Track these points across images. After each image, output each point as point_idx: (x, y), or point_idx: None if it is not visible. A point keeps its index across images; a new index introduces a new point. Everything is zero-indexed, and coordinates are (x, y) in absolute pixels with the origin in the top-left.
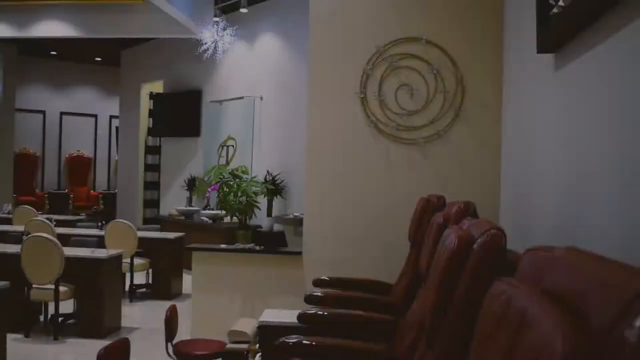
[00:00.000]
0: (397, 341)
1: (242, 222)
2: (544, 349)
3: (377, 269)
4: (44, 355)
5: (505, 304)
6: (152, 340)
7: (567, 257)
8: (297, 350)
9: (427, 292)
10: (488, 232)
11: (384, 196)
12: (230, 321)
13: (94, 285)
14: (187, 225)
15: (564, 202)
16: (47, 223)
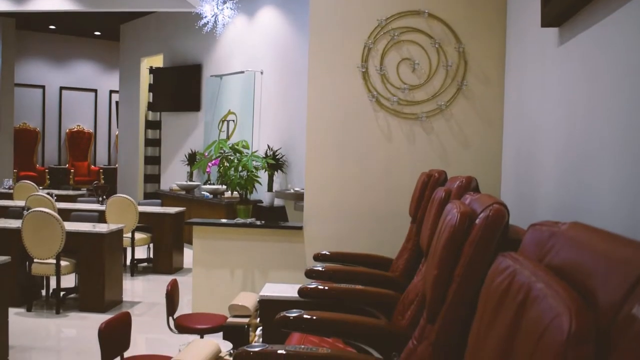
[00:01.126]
0: (398, 315)
1: (242, 196)
2: (550, 326)
3: (377, 243)
4: (46, 329)
5: (509, 279)
6: (154, 315)
7: (572, 232)
8: (298, 324)
9: (428, 267)
10: (490, 207)
11: (385, 171)
12: (231, 295)
13: (95, 260)
14: (188, 200)
15: (566, 178)
16: (47, 198)
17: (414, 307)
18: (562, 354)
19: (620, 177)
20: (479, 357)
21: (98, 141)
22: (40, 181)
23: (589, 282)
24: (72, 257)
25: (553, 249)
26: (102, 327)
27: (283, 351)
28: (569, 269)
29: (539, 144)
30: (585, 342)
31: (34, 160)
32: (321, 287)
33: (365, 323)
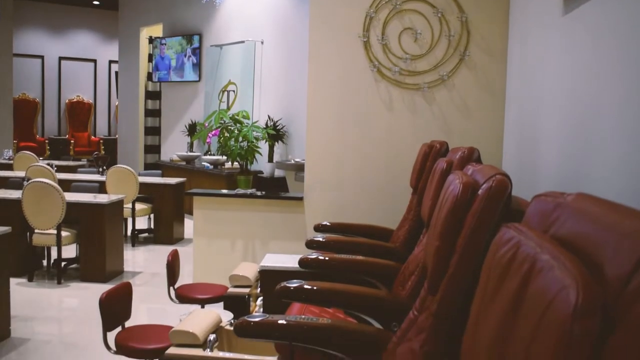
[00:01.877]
0: (398, 286)
1: (243, 167)
2: (556, 298)
3: (378, 214)
4: (48, 299)
5: (513, 250)
6: (155, 285)
7: (578, 203)
8: (298, 295)
9: (430, 238)
10: (493, 178)
11: (386, 142)
12: (232, 266)
13: (96, 230)
14: (188, 171)
15: (569, 148)
16: (47, 168)
17: (414, 278)
18: (568, 327)
19: (624, 148)
20: (482, 328)
21: (98, 112)
22: (40, 152)
23: (595, 255)
24: (72, 227)
25: (558, 220)
26: (103, 297)
27: (283, 321)
28: (575, 241)
29: (542, 114)
30: (592, 315)
31: (33, 131)
32: (322, 258)
33: (366, 293)
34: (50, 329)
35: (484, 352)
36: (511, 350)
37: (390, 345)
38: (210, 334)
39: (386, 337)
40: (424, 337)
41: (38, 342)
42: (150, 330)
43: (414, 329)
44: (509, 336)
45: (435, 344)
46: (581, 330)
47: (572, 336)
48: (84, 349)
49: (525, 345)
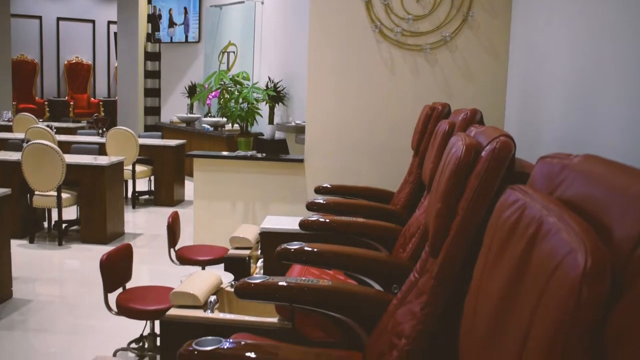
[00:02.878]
0: (399, 248)
1: (243, 129)
2: (563, 261)
3: (379, 177)
4: (49, 261)
5: (518, 213)
6: (155, 246)
7: (585, 165)
8: (299, 257)
9: (431, 200)
10: (497, 139)
11: (387, 104)
12: (232, 228)
13: (96, 192)
14: (189, 133)
15: (572, 111)
16: (47, 130)
17: (415, 240)
18: (577, 291)
19: (630, 109)
20: (485, 291)
21: (97, 73)
22: (39, 113)
23: (603, 218)
24: (73, 189)
25: (564, 182)
26: (103, 259)
27: (284, 283)
28: (582, 204)
29: (545, 75)
30: (601, 279)
31: (32, 92)
32: (322, 220)
33: (366, 255)
34: (51, 290)
35: (487, 315)
36: (516, 313)
37: (390, 307)
38: (211, 296)
39: (386, 299)
40: (425, 299)
41: (40, 303)
42: (151, 292)
43: (414, 291)
44: (514, 300)
45: (436, 306)
46: (590, 294)
47: (580, 300)
48: (86, 310)
49: (531, 309)
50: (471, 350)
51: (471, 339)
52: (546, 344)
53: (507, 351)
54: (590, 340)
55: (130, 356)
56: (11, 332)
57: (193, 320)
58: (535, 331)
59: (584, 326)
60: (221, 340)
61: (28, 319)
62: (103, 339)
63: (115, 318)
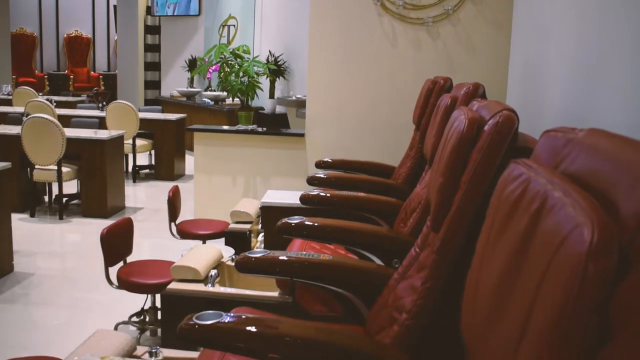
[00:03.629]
0: (400, 223)
1: (243, 103)
2: (569, 237)
3: (380, 151)
4: (50, 234)
5: (522, 187)
6: (156, 220)
7: (591, 138)
8: (299, 231)
9: (433, 175)
10: (500, 113)
11: (388, 78)
12: (233, 202)
13: (97, 166)
14: (189, 107)
15: (575, 86)
16: (47, 104)
17: (416, 215)
18: (582, 267)
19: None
20: (487, 266)
21: (97, 47)
22: (39, 87)
23: (609, 193)
24: (73, 163)
25: (569, 156)
26: (104, 233)
27: (284, 257)
28: (587, 178)
29: (549, 49)
30: (608, 255)
31: (32, 66)
32: (323, 194)
33: (367, 230)
34: (52, 263)
35: (489, 291)
36: (519, 289)
37: (391, 282)
38: (212, 270)
39: (387, 273)
40: (426, 274)
41: (41, 277)
42: (151, 266)
43: (415, 265)
44: (517, 275)
45: (437, 280)
46: (596, 269)
47: (586, 276)
48: (87, 284)
49: (535, 285)
50: (473, 325)
51: (473, 314)
52: (550, 320)
53: (510, 326)
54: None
55: (131, 329)
56: (13, 306)
57: (194, 294)
58: (539, 307)
59: (590, 303)
60: (222, 314)
61: (29, 292)
62: (104, 312)
63: (116, 292)
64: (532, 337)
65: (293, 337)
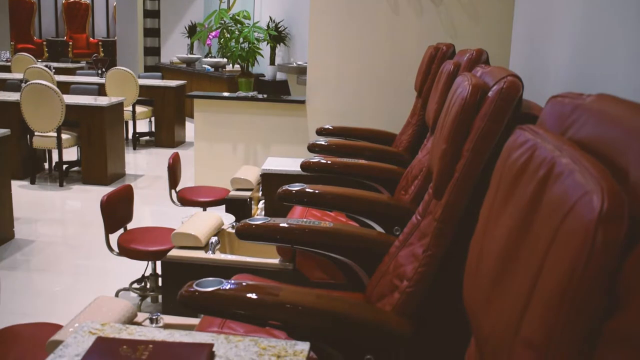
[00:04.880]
0: (401, 190)
1: (244, 69)
2: (577, 204)
3: (381, 118)
4: (50, 201)
5: (528, 154)
6: (157, 187)
7: (599, 104)
8: (300, 198)
9: (436, 142)
10: (504, 79)
11: (390, 45)
12: (233, 169)
13: (97, 133)
14: (189, 74)
15: (580, 52)
16: (46, 70)
17: (417, 183)
18: (592, 234)
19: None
20: (491, 235)
21: (96, 12)
22: (38, 54)
23: (618, 160)
24: (73, 130)
25: (576, 123)
26: (103, 200)
27: (285, 224)
28: (595, 145)
29: (553, 14)
30: (618, 222)
31: (30, 32)
32: (324, 161)
33: (368, 197)
34: (53, 230)
35: (493, 258)
36: (524, 257)
37: (392, 249)
38: (212, 237)
39: (388, 241)
40: (427, 241)
41: (42, 244)
42: (152, 233)
43: (416, 233)
44: (522, 243)
45: (438, 248)
46: (605, 238)
47: (595, 244)
48: (88, 251)
49: (541, 253)
50: (476, 293)
51: (476, 282)
52: (558, 288)
53: (515, 295)
54: (604, 286)
55: (132, 296)
56: (14, 272)
57: (194, 261)
58: (545, 275)
59: (599, 271)
60: (222, 281)
61: (30, 259)
62: (105, 279)
63: (117, 259)
64: (538, 306)
65: (293, 304)
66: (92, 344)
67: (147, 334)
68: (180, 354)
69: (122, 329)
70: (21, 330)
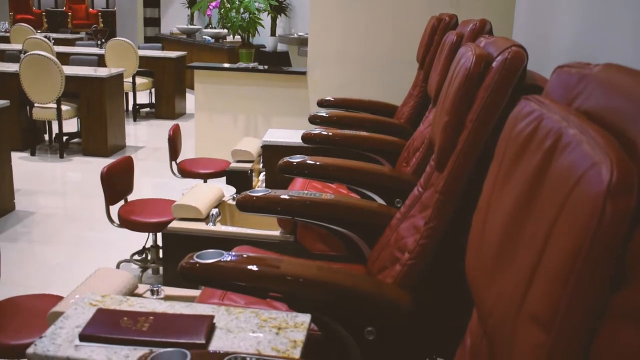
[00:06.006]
0: (402, 162)
1: (244, 40)
2: (585, 176)
3: (383, 90)
4: (51, 173)
5: (534, 124)
6: (157, 159)
7: (607, 74)
8: (301, 170)
9: (438, 113)
10: (509, 50)
11: (392, 15)
12: (234, 141)
13: (97, 104)
14: (189, 44)
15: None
16: (45, 41)
17: (419, 155)
18: (600, 207)
19: None
20: (495, 207)
21: None
22: (37, 24)
23: (627, 131)
24: (73, 101)
25: (583, 93)
26: (104, 172)
27: (286, 196)
28: (603, 116)
29: None
30: (627, 194)
31: (29, 2)
32: (325, 133)
33: (369, 169)
34: (54, 202)
35: (497, 232)
36: (529, 230)
37: (393, 222)
38: (213, 209)
39: (389, 213)
40: (429, 213)
41: (42, 215)
42: (152, 204)
43: (418, 205)
44: (527, 216)
45: (440, 220)
46: (615, 210)
47: (603, 217)
48: (88, 222)
49: (547, 226)
50: (479, 267)
51: (479, 256)
52: (564, 262)
53: (519, 268)
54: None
55: (133, 268)
56: (15, 244)
57: (195, 232)
58: (551, 249)
59: (607, 244)
60: (223, 253)
61: (31, 230)
62: (106, 251)
63: (118, 230)
64: (544, 280)
65: (294, 276)
66: (93, 315)
67: (147, 306)
68: (180, 325)
69: (122, 300)
70: (22, 301)
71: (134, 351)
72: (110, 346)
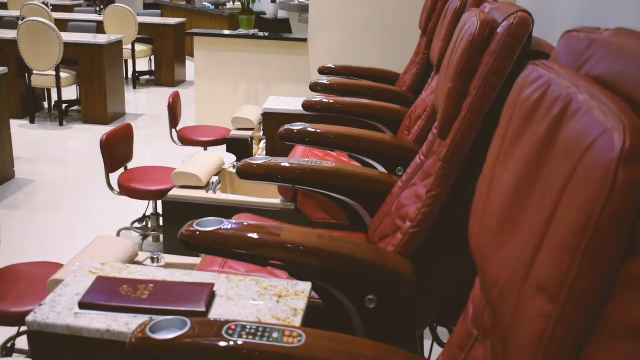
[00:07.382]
0: (404, 130)
1: (245, 6)
2: (596, 142)
3: (385, 58)
4: (50, 140)
5: (542, 90)
6: (157, 127)
7: (617, 38)
8: (302, 137)
9: (441, 80)
10: (515, 15)
11: None
12: (234, 108)
13: (96, 72)
14: (189, 11)
15: None
16: (43, 7)
17: (421, 123)
18: (612, 175)
19: None
20: (500, 175)
21: None
22: None
23: (638, 97)
24: (72, 69)
25: (592, 58)
26: (103, 139)
27: (287, 164)
28: (614, 81)
29: None
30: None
31: None
32: (326, 101)
33: (371, 137)
34: (54, 170)
35: (503, 200)
36: (537, 198)
37: (394, 190)
38: (213, 177)
39: (391, 181)
40: (431, 182)
41: (43, 183)
42: (152, 172)
43: (420, 173)
44: (535, 184)
45: (442, 189)
46: (627, 177)
47: (615, 184)
48: (89, 190)
49: (556, 194)
50: (483, 236)
51: (483, 225)
52: (573, 232)
53: (526, 237)
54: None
55: (133, 235)
56: (16, 212)
57: (195, 200)
58: (560, 217)
59: (618, 212)
60: (223, 220)
61: (32, 198)
62: (106, 218)
63: (118, 198)
64: (552, 249)
65: (295, 244)
66: (93, 283)
67: (147, 274)
68: (181, 293)
69: (122, 268)
70: (22, 269)
71: (134, 319)
72: (110, 314)
